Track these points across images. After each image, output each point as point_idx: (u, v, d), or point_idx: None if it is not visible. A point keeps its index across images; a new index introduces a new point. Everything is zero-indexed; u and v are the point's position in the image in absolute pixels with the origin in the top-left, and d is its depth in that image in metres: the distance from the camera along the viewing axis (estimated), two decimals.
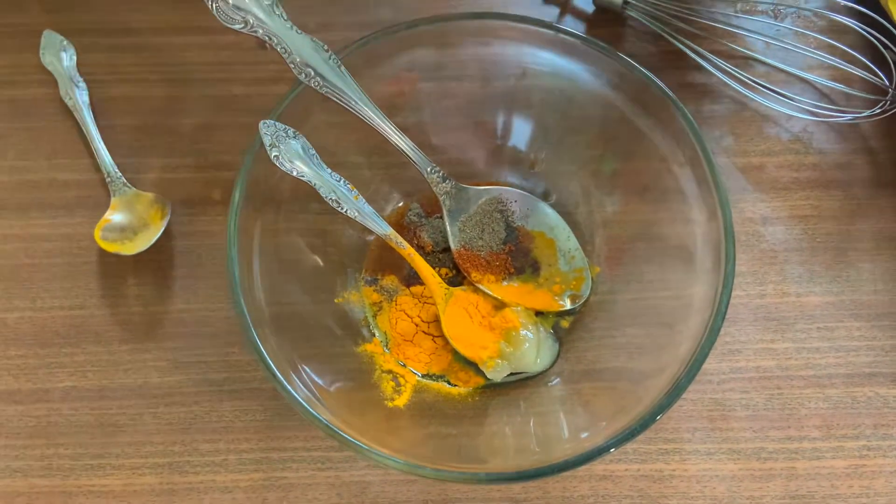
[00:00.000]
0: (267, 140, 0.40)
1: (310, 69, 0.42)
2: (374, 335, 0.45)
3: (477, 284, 0.45)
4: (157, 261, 0.48)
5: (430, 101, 0.48)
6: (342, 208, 0.42)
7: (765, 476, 0.43)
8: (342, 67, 0.42)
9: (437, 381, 0.44)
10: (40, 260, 0.48)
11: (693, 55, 0.52)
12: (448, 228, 0.46)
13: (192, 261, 0.48)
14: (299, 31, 0.42)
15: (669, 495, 0.42)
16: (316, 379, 0.40)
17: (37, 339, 0.46)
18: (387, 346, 0.45)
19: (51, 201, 0.50)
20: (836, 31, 0.54)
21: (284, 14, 0.41)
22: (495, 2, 0.56)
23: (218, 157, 0.51)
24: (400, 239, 0.44)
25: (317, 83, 0.42)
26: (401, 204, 0.48)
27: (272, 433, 0.44)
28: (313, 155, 0.42)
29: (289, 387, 0.36)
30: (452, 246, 0.46)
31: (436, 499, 0.42)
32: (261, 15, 0.41)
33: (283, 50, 0.41)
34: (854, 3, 0.53)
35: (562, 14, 0.56)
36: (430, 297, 0.45)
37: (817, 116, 0.51)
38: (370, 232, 0.45)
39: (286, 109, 0.42)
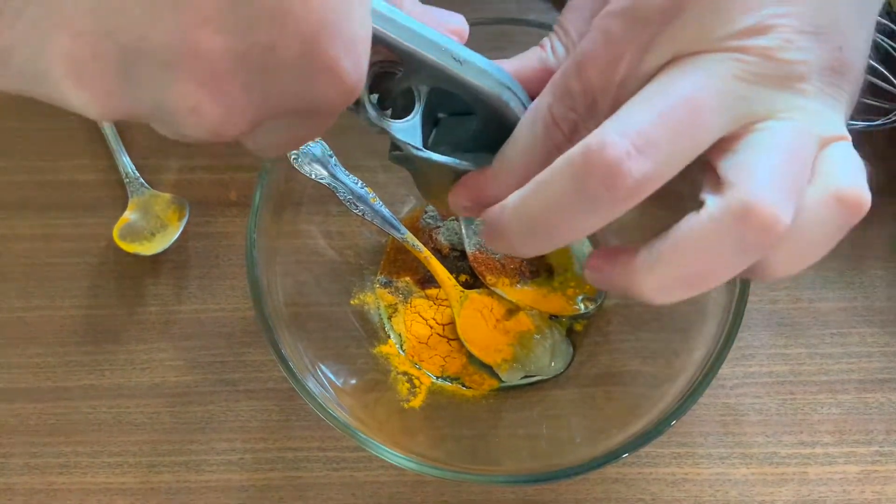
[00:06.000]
0: None
1: None
2: (388, 337, 0.45)
3: (492, 287, 0.46)
4: (175, 261, 0.49)
5: None
6: (359, 210, 0.42)
7: (777, 481, 0.43)
8: None
9: (452, 383, 0.44)
10: (59, 259, 0.49)
11: None
12: (463, 231, 0.46)
13: (209, 261, 0.49)
14: None
15: (682, 499, 0.43)
16: (333, 379, 0.40)
17: (56, 338, 0.47)
18: (402, 347, 0.45)
19: (70, 201, 0.50)
20: None
21: None
22: (511, 8, 0.57)
23: (234, 159, 0.52)
24: (416, 241, 0.45)
25: None
26: (416, 206, 0.49)
27: (288, 433, 0.44)
28: (331, 157, 0.42)
29: (309, 386, 0.36)
30: (467, 249, 0.46)
31: (450, 500, 0.43)
32: None
33: None
34: None
35: None
36: (445, 300, 0.45)
37: None
38: (386, 234, 0.45)
39: None
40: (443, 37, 0.26)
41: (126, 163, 0.50)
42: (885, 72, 0.50)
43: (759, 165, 0.23)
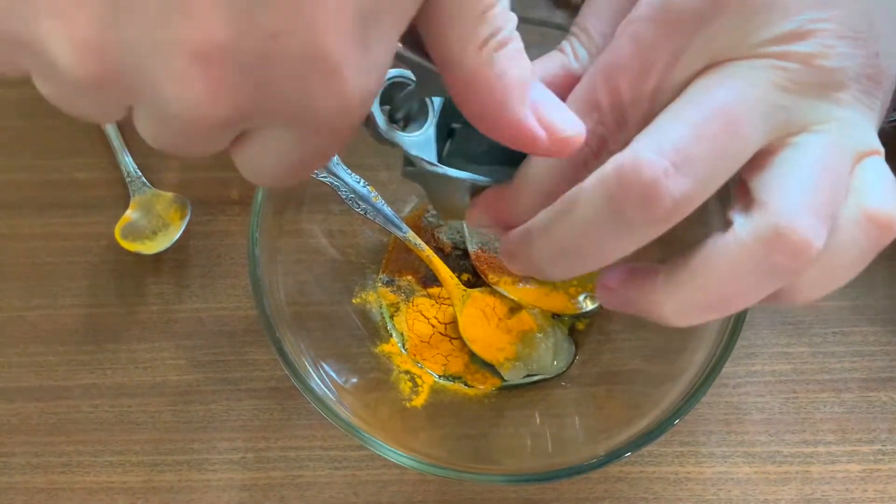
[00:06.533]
0: None
1: None
2: (390, 336, 0.45)
3: (494, 286, 0.45)
4: (176, 260, 0.48)
5: None
6: (361, 209, 0.42)
7: (780, 480, 0.43)
8: None
9: (454, 382, 0.44)
10: (60, 258, 0.49)
11: None
12: (466, 230, 0.46)
13: (211, 260, 0.49)
14: None
15: (684, 498, 0.43)
16: (335, 378, 0.40)
17: (57, 337, 0.47)
18: (404, 346, 0.45)
19: (71, 200, 0.50)
20: None
21: None
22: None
23: None
24: (418, 240, 0.44)
25: None
26: (418, 205, 0.49)
27: (289, 432, 0.44)
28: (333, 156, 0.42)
29: (311, 385, 0.36)
30: (470, 248, 0.46)
31: (452, 499, 0.43)
32: None
33: None
34: None
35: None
36: (447, 299, 0.45)
37: None
38: (388, 233, 0.45)
39: None
40: None
41: (128, 161, 0.50)
42: None
43: (793, 184, 0.22)
